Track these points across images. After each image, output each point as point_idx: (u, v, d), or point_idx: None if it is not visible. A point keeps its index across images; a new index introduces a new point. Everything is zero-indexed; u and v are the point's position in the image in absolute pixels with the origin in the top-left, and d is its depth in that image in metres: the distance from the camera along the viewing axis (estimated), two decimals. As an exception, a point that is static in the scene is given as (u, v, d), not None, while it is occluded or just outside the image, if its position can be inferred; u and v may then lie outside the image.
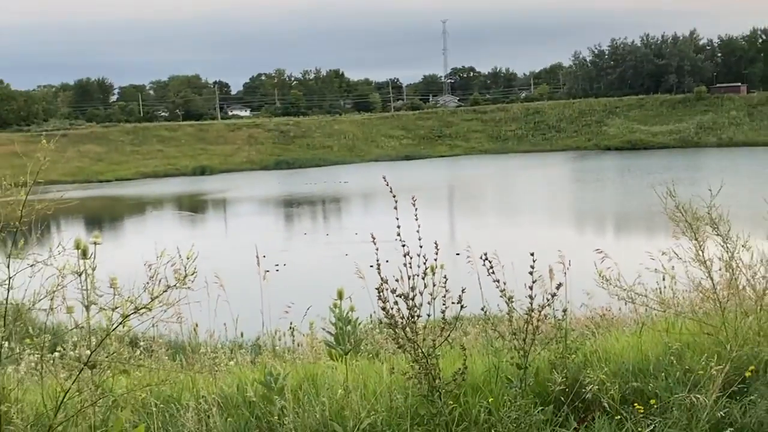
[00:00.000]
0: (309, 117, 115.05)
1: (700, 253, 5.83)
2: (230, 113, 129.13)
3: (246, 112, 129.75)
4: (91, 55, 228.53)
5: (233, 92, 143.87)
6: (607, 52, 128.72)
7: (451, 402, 4.97)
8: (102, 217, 58.54)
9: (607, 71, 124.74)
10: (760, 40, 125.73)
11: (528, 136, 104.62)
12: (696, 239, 5.81)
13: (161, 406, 5.27)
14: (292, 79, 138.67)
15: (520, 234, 36.13)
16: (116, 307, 4.92)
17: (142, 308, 4.64)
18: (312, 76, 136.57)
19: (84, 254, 4.90)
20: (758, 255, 5.97)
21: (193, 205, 65.34)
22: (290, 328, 8.62)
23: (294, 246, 38.85)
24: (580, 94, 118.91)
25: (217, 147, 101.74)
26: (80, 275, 4.86)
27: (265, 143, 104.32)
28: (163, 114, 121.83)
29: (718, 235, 5.83)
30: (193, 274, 4.86)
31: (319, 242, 40.97)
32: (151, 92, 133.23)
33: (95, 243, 5.02)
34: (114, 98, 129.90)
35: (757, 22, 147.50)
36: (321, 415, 5.09)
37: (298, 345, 7.85)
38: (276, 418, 5.11)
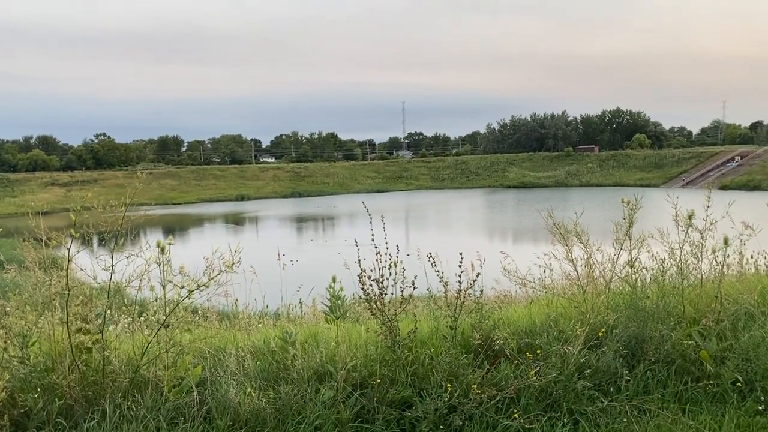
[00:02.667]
0: (314, 163, 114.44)
1: (569, 254, 5.83)
2: (261, 160, 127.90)
3: (272, 159, 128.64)
4: (170, 120, 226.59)
5: (263, 146, 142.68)
6: (508, 124, 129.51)
7: (407, 351, 4.90)
8: (174, 227, 57.62)
9: (508, 136, 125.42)
10: (607, 118, 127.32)
11: (457, 178, 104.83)
12: (566, 245, 5.81)
13: (212, 353, 5.15)
14: (303, 138, 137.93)
15: (451, 241, 36.04)
16: (183, 286, 4.84)
17: (201, 286, 4.54)
18: (316, 136, 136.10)
19: (162, 250, 4.80)
20: (606, 255, 5.98)
21: (236, 220, 64.59)
22: (299, 302, 8.45)
23: (304, 248, 38.48)
24: (491, 151, 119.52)
25: (252, 182, 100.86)
26: (159, 264, 4.76)
27: (284, 180, 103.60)
28: (216, 160, 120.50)
29: (580, 242, 5.84)
30: (238, 262, 4.80)
31: (320, 245, 40.63)
32: (209, 145, 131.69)
33: (170, 244, 4.92)
34: (184, 149, 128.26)
35: (606, 106, 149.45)
36: (320, 360, 4.98)
37: (305, 314, 7.69)
38: (290, 362, 5.00)
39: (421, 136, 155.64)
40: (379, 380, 4.69)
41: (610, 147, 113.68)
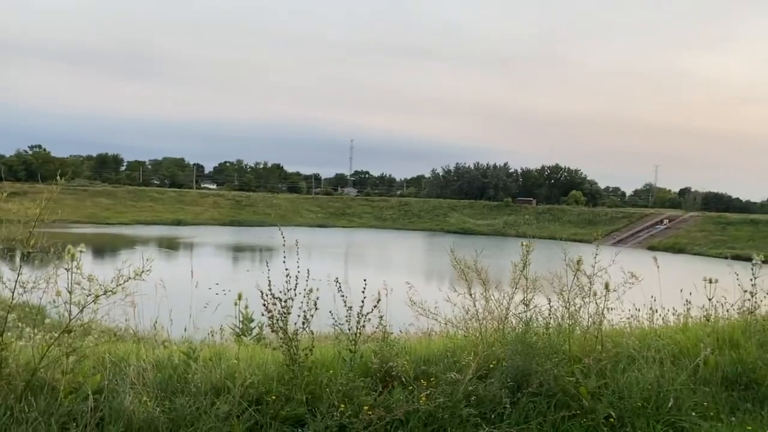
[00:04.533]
0: (256, 192, 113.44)
1: (469, 289, 6.21)
2: (202, 185, 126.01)
3: (213, 186, 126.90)
4: (111, 138, 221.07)
5: (206, 171, 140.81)
6: (452, 171, 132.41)
7: (305, 371, 5.10)
8: (105, 247, 55.85)
9: (452, 183, 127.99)
10: (546, 173, 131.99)
11: (399, 219, 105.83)
12: (466, 280, 6.18)
13: (114, 362, 5.20)
14: (248, 166, 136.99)
15: (373, 273, 36.14)
16: (90, 293, 4.93)
17: (108, 291, 4.65)
18: (261, 165, 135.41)
19: (72, 257, 4.88)
20: (504, 294, 6.38)
21: (170, 245, 63.07)
22: (216, 326, 8.42)
23: (238, 277, 37.92)
24: (434, 196, 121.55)
25: (191, 207, 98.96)
26: (68, 270, 4.84)
27: (224, 207, 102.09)
28: (155, 182, 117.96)
29: (479, 278, 6.23)
30: (148, 271, 4.92)
31: (253, 275, 40.09)
32: (149, 166, 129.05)
33: (81, 251, 5.01)
34: (123, 168, 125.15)
35: (545, 161, 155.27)
36: (219, 375, 5.12)
37: (213, 334, 7.67)
38: (190, 376, 5.12)
39: (367, 175, 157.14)
40: (274, 397, 4.87)
41: (547, 201, 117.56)
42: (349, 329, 5.38)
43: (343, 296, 5.41)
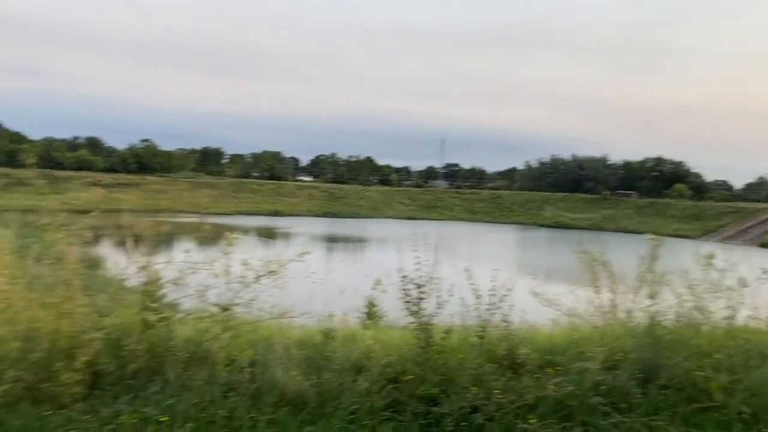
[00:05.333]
0: (349, 185, 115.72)
1: (596, 282, 6.28)
2: (298, 178, 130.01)
3: (309, 178, 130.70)
4: (214, 133, 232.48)
5: (302, 164, 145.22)
6: (547, 162, 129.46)
7: (437, 354, 5.40)
8: (211, 236, 58.83)
9: (546, 175, 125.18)
10: (648, 165, 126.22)
11: (491, 212, 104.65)
12: (593, 274, 6.26)
13: (262, 340, 5.71)
14: (341, 160, 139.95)
15: (485, 271, 36.03)
16: (244, 277, 5.45)
17: (270, 272, 5.12)
18: (354, 159, 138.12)
19: (229, 243, 5.43)
20: (628, 288, 6.37)
21: (269, 234, 65.68)
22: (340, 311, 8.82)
23: (333, 267, 39.03)
24: (527, 188, 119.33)
25: (287, 199, 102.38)
26: (225, 255, 5.38)
27: (319, 199, 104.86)
28: (255, 174, 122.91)
29: (606, 271, 6.27)
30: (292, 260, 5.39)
31: (348, 265, 41.13)
32: (249, 160, 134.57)
33: (235, 239, 5.56)
34: (225, 161, 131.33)
35: (646, 153, 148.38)
36: (356, 355, 5.52)
37: (341, 319, 8.13)
38: (330, 353, 5.55)
39: (457, 168, 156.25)
40: (411, 377, 5.19)
41: (649, 194, 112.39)
42: (478, 317, 5.62)
43: (472, 285, 5.65)
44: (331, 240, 63.27)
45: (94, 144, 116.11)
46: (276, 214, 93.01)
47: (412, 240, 6.24)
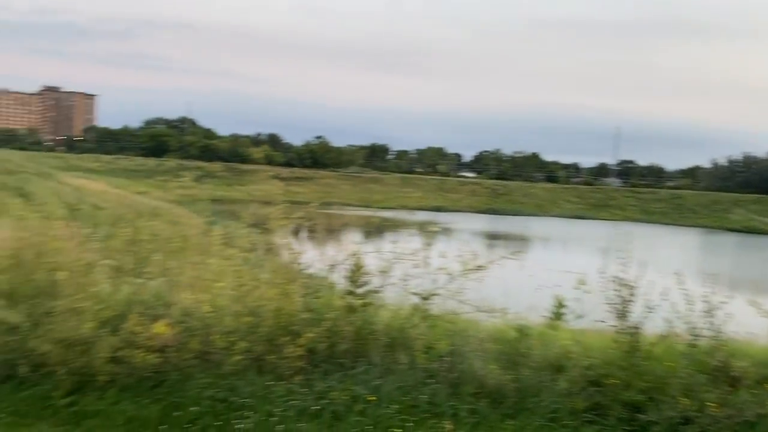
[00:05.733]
0: (513, 182, 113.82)
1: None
2: (460, 174, 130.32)
3: (471, 174, 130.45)
4: (381, 129, 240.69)
5: (465, 160, 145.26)
6: (738, 161, 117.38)
7: (644, 361, 5.17)
8: (384, 229, 61.01)
9: (737, 174, 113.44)
10: None
11: (670, 213, 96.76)
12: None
13: (458, 332, 5.82)
14: (505, 156, 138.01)
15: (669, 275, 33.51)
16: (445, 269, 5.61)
17: (478, 268, 5.25)
18: (519, 155, 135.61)
19: (430, 235, 5.64)
20: None
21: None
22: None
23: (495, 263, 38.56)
24: (713, 189, 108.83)
25: (450, 195, 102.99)
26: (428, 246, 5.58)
27: (481, 195, 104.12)
28: (419, 170, 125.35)
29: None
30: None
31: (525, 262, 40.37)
32: (414, 155, 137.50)
33: (435, 231, 5.76)
34: (390, 157, 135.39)
35: None
36: (554, 354, 5.44)
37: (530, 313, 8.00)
38: (524, 350, 5.53)
39: (632, 164, 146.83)
40: (615, 381, 5.02)
41: None
42: (687, 324, 5.29)
43: (684, 292, 5.33)
44: (499, 237, 62.49)
45: (274, 140, 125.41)
46: (438, 209, 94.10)
47: (586, 240, 6.01)
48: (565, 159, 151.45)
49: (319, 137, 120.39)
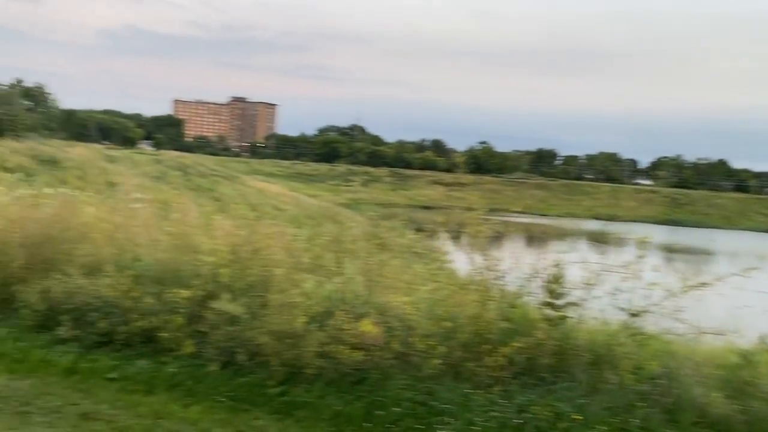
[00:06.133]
0: (696, 191, 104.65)
1: None
2: (635, 181, 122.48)
3: (647, 182, 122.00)
4: (549, 134, 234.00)
5: (641, 166, 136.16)
6: None
7: None
8: (555, 238, 59.19)
9: None
10: None
11: None
12: None
13: (669, 353, 5.33)
14: (687, 162, 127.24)
15: None
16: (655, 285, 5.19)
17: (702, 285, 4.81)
18: (703, 162, 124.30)
19: (641, 245, 5.24)
20: None
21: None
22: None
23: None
24: None
25: (623, 203, 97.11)
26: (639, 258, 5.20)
27: (659, 205, 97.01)
28: (588, 176, 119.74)
29: None
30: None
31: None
32: (583, 161, 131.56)
33: (646, 241, 5.35)
34: (558, 162, 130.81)
35: None
36: (791, 386, 4.80)
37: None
38: (751, 378, 4.94)
39: None
40: None
41: None
42: None
43: None
44: (669, 250, 57.74)
45: (437, 146, 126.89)
46: (611, 218, 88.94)
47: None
48: (759, 167, 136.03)
49: (482, 142, 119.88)
